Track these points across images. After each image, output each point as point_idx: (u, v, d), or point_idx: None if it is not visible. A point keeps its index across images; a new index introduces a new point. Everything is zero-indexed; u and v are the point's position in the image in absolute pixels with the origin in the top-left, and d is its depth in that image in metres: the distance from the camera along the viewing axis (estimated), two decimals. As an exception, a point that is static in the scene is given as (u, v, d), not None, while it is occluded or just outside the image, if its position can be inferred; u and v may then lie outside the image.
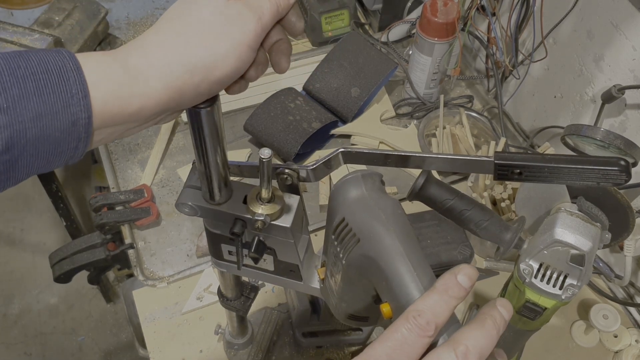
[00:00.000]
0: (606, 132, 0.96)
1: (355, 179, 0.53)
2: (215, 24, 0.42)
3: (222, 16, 0.43)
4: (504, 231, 0.69)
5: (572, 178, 0.50)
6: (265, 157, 0.49)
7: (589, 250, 0.65)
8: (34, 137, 0.37)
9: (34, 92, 0.36)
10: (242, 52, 0.43)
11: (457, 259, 1.00)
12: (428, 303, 0.38)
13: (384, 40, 1.36)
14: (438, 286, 0.39)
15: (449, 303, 0.38)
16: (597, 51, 1.05)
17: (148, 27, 1.42)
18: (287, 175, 0.56)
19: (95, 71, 0.39)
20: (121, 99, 0.40)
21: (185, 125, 1.24)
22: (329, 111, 1.23)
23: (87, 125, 0.38)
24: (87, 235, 1.10)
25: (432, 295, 0.39)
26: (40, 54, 0.38)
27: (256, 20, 0.44)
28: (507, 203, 1.04)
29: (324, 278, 0.61)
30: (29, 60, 0.37)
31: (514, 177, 0.51)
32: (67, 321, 1.98)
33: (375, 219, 0.49)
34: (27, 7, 1.43)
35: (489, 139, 1.22)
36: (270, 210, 0.54)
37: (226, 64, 0.43)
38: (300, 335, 0.94)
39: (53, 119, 0.37)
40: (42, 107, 0.36)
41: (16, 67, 0.36)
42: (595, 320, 0.99)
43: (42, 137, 0.37)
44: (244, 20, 0.43)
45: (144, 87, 0.40)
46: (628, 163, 0.48)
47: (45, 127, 0.37)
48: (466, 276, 0.39)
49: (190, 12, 0.43)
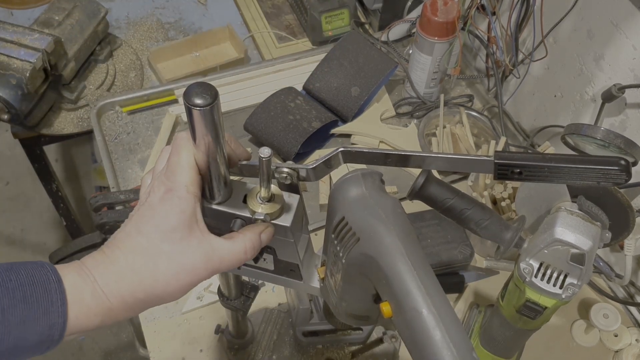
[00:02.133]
0: (606, 131, 0.95)
1: (355, 178, 0.53)
2: (176, 262, 0.49)
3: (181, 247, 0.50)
4: (504, 230, 0.69)
5: (572, 177, 0.50)
6: (265, 157, 0.49)
7: (589, 250, 0.65)
8: (14, 339, 0.43)
9: (20, 300, 0.43)
10: (186, 291, 0.51)
11: (458, 258, 1.00)
12: None
13: (384, 40, 1.36)
14: None
15: None
16: (597, 50, 1.04)
17: (148, 26, 1.42)
18: (287, 175, 0.56)
19: (71, 292, 0.46)
20: (88, 317, 0.47)
21: (185, 124, 1.24)
22: (329, 110, 1.23)
23: (62, 328, 0.45)
24: (88, 235, 1.10)
25: None
26: (29, 268, 0.45)
27: (207, 272, 0.51)
28: (508, 202, 1.04)
29: (324, 277, 0.61)
30: (18, 274, 0.44)
31: (514, 177, 0.51)
32: (68, 321, 1.98)
33: (375, 218, 0.49)
34: (27, 7, 1.43)
35: (489, 139, 1.22)
36: (270, 209, 0.54)
37: (177, 293, 0.50)
38: (301, 335, 0.94)
39: (34, 324, 0.44)
40: (26, 313, 0.43)
41: (7, 280, 0.43)
42: (596, 320, 0.99)
43: (23, 338, 0.43)
44: (199, 270, 0.50)
45: (108, 312, 0.48)
46: (628, 162, 0.48)
47: (27, 330, 0.43)
48: None
49: (157, 237, 0.49)
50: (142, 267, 0.48)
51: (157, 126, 1.23)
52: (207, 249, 0.50)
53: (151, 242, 0.48)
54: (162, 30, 1.43)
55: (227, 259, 0.51)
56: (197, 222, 0.50)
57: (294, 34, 1.43)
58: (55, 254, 1.11)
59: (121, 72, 1.33)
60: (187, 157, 0.50)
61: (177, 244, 0.49)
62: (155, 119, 1.24)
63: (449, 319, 0.45)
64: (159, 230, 0.49)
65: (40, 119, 1.24)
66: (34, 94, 1.16)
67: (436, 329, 0.44)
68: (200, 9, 1.48)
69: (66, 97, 1.26)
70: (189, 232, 0.49)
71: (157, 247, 0.48)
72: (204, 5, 1.49)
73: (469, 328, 0.96)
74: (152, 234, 0.49)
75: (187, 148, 0.50)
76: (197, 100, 0.45)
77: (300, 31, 1.44)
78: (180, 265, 0.49)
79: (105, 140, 1.21)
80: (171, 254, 0.49)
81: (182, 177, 0.50)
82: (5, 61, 1.12)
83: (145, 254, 0.48)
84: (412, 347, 0.46)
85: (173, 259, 0.49)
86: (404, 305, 0.46)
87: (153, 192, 0.50)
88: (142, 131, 1.23)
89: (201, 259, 0.50)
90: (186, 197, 0.49)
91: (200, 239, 0.50)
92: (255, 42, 1.42)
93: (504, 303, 0.75)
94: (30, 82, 1.13)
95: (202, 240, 0.50)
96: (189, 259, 0.49)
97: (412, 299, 0.46)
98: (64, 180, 2.21)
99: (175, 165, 0.50)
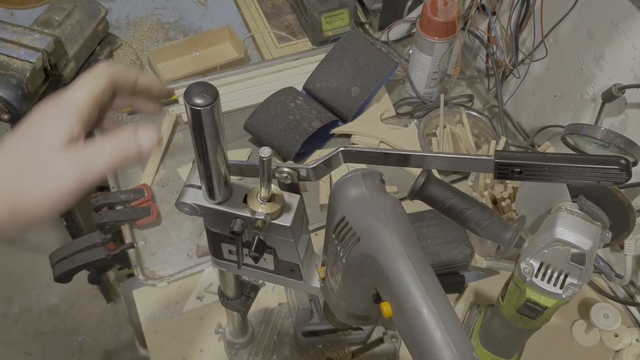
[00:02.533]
0: (606, 131, 0.96)
1: (356, 178, 0.53)
2: (42, 169, 0.47)
3: (51, 162, 0.47)
4: (504, 230, 0.69)
5: (572, 177, 0.50)
6: (265, 157, 0.49)
7: (589, 249, 0.65)
8: None
9: None
10: (56, 202, 0.47)
11: (458, 258, 1.00)
12: None
13: (384, 40, 1.36)
14: None
15: None
16: (597, 50, 1.04)
17: (148, 26, 1.42)
18: (287, 175, 0.56)
19: None
20: None
21: (185, 124, 1.24)
22: (329, 110, 1.23)
23: None
24: (88, 235, 1.10)
25: None
26: None
27: (78, 174, 0.47)
28: (508, 202, 1.04)
29: (325, 277, 0.61)
30: None
31: (514, 176, 0.51)
32: (68, 321, 1.98)
33: (376, 218, 0.49)
34: (27, 7, 1.42)
35: (490, 138, 1.22)
36: (270, 209, 0.54)
37: (39, 210, 0.47)
38: (301, 335, 0.94)
39: None
40: None
41: None
42: (596, 320, 0.99)
43: None
44: (65, 173, 0.47)
45: None
46: (628, 162, 0.48)
47: None
48: None
49: (29, 148, 0.47)
50: (5, 175, 0.47)
51: (158, 126, 1.22)
52: (76, 156, 0.48)
53: (22, 152, 0.47)
54: (162, 30, 1.43)
55: (97, 159, 0.48)
56: (76, 143, 0.48)
57: (294, 34, 1.43)
58: (56, 254, 1.11)
59: (121, 72, 1.33)
60: (92, 86, 0.49)
61: (48, 156, 0.47)
62: (156, 119, 1.24)
63: (449, 318, 0.45)
64: (32, 140, 0.47)
65: (40, 119, 1.23)
66: (34, 94, 1.16)
67: (436, 328, 0.44)
68: (200, 9, 1.48)
69: (66, 97, 1.25)
70: (62, 148, 0.47)
71: (26, 157, 0.47)
72: (204, 6, 1.49)
73: (469, 328, 0.96)
74: (25, 144, 0.47)
75: (97, 79, 0.49)
76: (198, 100, 0.45)
77: (300, 31, 1.44)
78: (46, 171, 0.47)
79: (106, 140, 1.21)
80: (38, 163, 0.47)
81: (75, 96, 0.49)
82: (6, 61, 1.12)
83: (11, 163, 0.47)
84: (412, 347, 0.46)
85: (39, 166, 0.47)
86: (404, 305, 0.46)
87: (44, 103, 0.49)
88: (143, 131, 1.23)
89: (69, 163, 0.48)
90: (69, 115, 0.48)
91: (73, 154, 0.48)
92: (256, 42, 1.42)
93: (504, 303, 0.75)
94: (31, 82, 1.12)
95: (74, 155, 0.48)
96: (57, 166, 0.47)
97: (413, 299, 0.46)
98: (64, 180, 2.20)
99: (76, 86, 0.49)
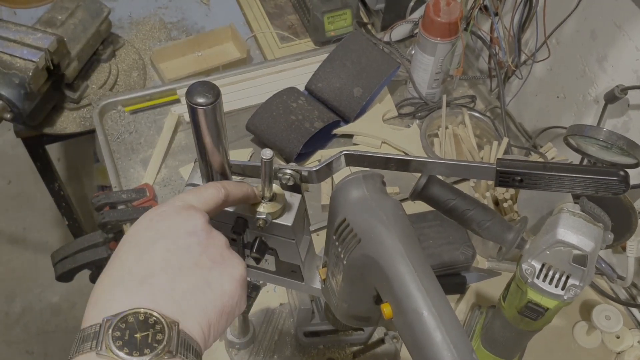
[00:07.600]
0: (609, 132, 0.95)
1: (357, 179, 0.53)
2: None
3: None
4: (506, 231, 0.69)
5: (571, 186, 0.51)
6: (267, 158, 0.49)
7: (591, 251, 0.65)
8: None
9: None
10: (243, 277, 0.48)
11: (459, 259, 1.00)
12: None
13: (387, 40, 1.36)
14: None
15: None
16: (600, 51, 1.04)
17: (150, 26, 1.42)
18: (289, 176, 0.56)
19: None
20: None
21: (187, 124, 1.24)
22: (331, 111, 1.23)
23: None
24: (89, 234, 1.10)
25: None
26: None
27: None
28: (510, 203, 1.04)
29: (326, 278, 0.61)
30: None
31: (514, 184, 0.51)
32: (69, 320, 1.98)
33: (376, 220, 0.49)
34: (30, 6, 1.43)
35: (492, 139, 1.21)
36: (271, 208, 0.54)
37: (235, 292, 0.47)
38: (302, 335, 0.94)
39: None
40: None
41: None
42: (598, 321, 0.98)
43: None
44: None
45: None
46: (627, 174, 0.49)
47: None
48: None
49: None
50: (196, 287, 0.45)
51: (160, 126, 1.23)
52: None
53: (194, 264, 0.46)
54: (164, 30, 1.43)
55: None
56: None
57: (296, 34, 1.43)
58: (57, 253, 1.11)
59: (124, 72, 1.34)
60: None
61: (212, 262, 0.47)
62: (158, 119, 1.24)
63: (450, 320, 0.45)
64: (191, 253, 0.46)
65: (42, 118, 1.24)
66: (36, 93, 1.16)
67: (437, 330, 0.44)
68: (203, 8, 1.48)
69: (69, 97, 1.26)
70: None
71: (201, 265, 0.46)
72: (207, 5, 1.49)
73: (470, 329, 0.96)
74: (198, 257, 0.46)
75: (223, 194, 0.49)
76: (200, 99, 0.45)
77: (302, 31, 1.44)
78: (222, 269, 0.47)
79: (108, 140, 1.21)
80: (211, 267, 0.46)
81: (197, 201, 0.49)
82: (8, 60, 1.12)
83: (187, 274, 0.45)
84: (412, 349, 0.46)
85: (214, 268, 0.46)
86: (405, 307, 0.46)
87: None
88: (145, 131, 1.23)
89: None
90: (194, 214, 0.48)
91: None
92: (258, 42, 1.42)
93: (506, 304, 0.75)
94: (33, 81, 1.13)
95: None
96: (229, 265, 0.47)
97: (413, 301, 0.46)
98: (66, 180, 2.21)
99: None
